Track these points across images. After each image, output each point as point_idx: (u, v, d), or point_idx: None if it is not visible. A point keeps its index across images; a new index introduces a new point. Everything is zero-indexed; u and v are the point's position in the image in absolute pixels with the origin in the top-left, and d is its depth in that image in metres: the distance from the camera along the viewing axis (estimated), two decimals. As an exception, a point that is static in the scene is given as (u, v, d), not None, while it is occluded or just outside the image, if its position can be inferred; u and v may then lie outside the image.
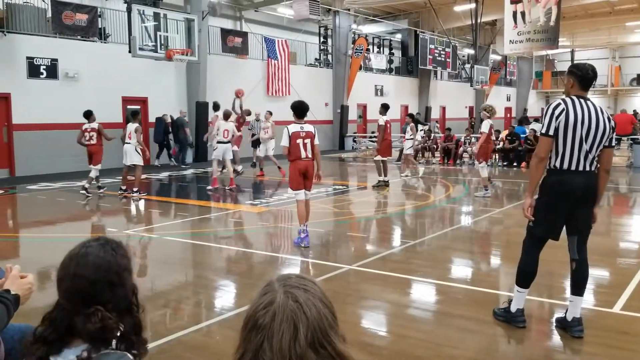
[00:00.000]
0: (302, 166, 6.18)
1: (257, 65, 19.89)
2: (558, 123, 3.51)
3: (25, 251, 6.86)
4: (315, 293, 1.01)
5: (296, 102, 6.39)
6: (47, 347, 1.35)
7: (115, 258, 1.42)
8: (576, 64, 3.78)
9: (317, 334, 0.96)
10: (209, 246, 6.82)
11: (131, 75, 15.40)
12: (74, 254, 1.42)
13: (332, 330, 0.99)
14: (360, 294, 4.80)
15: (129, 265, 1.46)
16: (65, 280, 1.39)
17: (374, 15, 26.08)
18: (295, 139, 6.12)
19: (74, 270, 1.38)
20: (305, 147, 6.13)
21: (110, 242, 1.47)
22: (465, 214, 8.89)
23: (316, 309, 0.98)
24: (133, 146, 10.08)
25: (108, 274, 1.39)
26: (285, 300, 0.98)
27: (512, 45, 17.41)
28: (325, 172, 10.32)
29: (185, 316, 4.36)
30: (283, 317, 0.96)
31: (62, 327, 1.36)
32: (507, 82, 36.69)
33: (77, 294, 1.37)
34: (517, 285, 3.88)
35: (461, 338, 3.78)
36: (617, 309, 4.19)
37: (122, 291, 1.42)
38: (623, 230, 7.87)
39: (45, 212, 9.21)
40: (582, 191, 3.57)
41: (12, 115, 13.37)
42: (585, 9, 26.69)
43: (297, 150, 6.12)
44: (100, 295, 1.37)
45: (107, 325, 1.34)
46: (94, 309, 1.34)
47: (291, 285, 1.01)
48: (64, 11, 13.94)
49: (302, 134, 6.12)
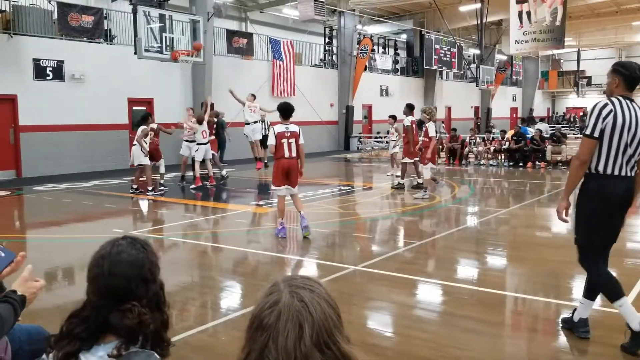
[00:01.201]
0: (285, 164, 6.55)
1: (262, 66, 19.93)
2: (605, 125, 3.31)
3: (32, 252, 6.90)
4: (321, 293, 1.02)
5: (283, 104, 6.80)
6: (79, 342, 1.38)
7: (146, 254, 1.47)
8: (622, 62, 3.54)
9: (322, 334, 0.96)
10: (214, 247, 6.84)
11: (137, 76, 15.47)
12: (105, 252, 1.45)
13: (337, 330, 0.99)
14: (366, 295, 4.80)
15: (157, 262, 1.51)
16: (100, 278, 1.42)
17: (379, 16, 26.06)
18: (280, 139, 6.48)
19: (108, 269, 1.42)
20: (290, 146, 6.50)
21: (137, 239, 1.51)
22: (471, 214, 8.86)
23: (321, 309, 0.98)
24: (139, 147, 10.21)
25: (142, 270, 1.44)
26: (290, 300, 0.98)
27: (518, 45, 17.36)
28: (331, 172, 10.36)
29: (191, 317, 4.37)
30: (288, 317, 0.96)
31: (95, 324, 1.39)
32: (512, 82, 36.57)
33: (113, 291, 1.40)
34: (612, 301, 3.51)
35: (466, 339, 3.77)
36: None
37: (154, 287, 1.47)
38: (631, 230, 7.82)
39: (51, 213, 9.26)
40: (623, 197, 3.42)
41: (18, 117, 13.45)
42: (592, 8, 26.57)
43: (281, 150, 6.49)
44: (135, 291, 1.41)
45: (143, 321, 1.38)
46: (131, 305, 1.38)
47: (297, 285, 1.02)
48: (70, 13, 14.03)
49: (287, 134, 6.49)
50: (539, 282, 5.15)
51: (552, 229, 8.04)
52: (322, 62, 24.65)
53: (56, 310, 3.98)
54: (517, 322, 4.30)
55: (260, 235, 7.74)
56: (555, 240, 7.07)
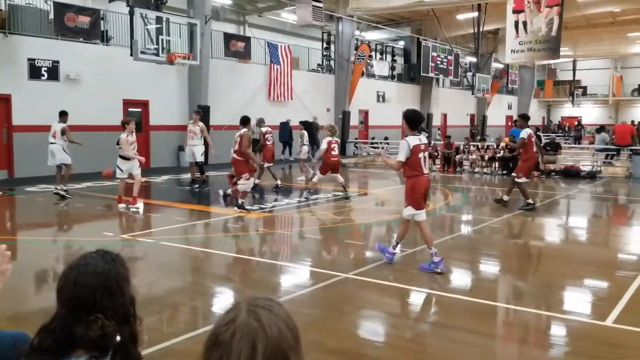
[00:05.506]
0: (426, 182, 5.82)
1: (259, 70, 19.93)
2: None
3: (20, 254, 6.84)
4: (280, 314, 1.02)
5: (410, 112, 6.04)
6: (47, 356, 1.37)
7: (114, 267, 1.47)
8: None
9: (275, 355, 0.96)
10: (204, 252, 6.80)
11: (133, 78, 15.43)
12: (74, 264, 1.47)
13: (292, 352, 0.99)
14: (356, 303, 4.78)
15: (128, 275, 1.51)
16: (66, 288, 1.43)
17: (377, 22, 26.14)
18: (416, 153, 5.77)
19: (74, 279, 1.42)
20: (425, 161, 5.84)
21: (109, 253, 1.52)
22: (465, 223, 8.86)
23: (278, 329, 0.98)
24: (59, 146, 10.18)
25: (108, 281, 1.44)
26: (247, 318, 0.99)
27: (514, 54, 17.43)
28: (325, 178, 10.37)
29: (180, 323, 4.33)
30: (242, 335, 0.96)
31: (62, 336, 1.39)
32: (508, 90, 36.72)
33: (78, 302, 1.40)
34: None
35: (455, 349, 3.76)
36: (609, 322, 4.16)
37: (121, 300, 1.46)
38: (621, 241, 7.85)
39: (42, 214, 9.20)
40: None
41: (12, 117, 13.38)
42: (588, 19, 26.75)
43: (418, 166, 5.77)
44: (100, 303, 1.41)
45: (107, 333, 1.37)
46: (95, 317, 1.37)
47: (256, 305, 1.02)
48: (66, 13, 13.98)
49: (421, 146, 5.79)
50: (530, 293, 5.15)
51: (544, 239, 8.05)
52: (320, 67, 24.69)
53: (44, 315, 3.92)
54: (507, 333, 4.29)
55: (251, 240, 7.71)
56: (548, 251, 7.08)
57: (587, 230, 8.64)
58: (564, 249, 7.32)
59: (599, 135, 18.59)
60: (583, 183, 13.70)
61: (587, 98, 41.43)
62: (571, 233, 8.43)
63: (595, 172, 15.29)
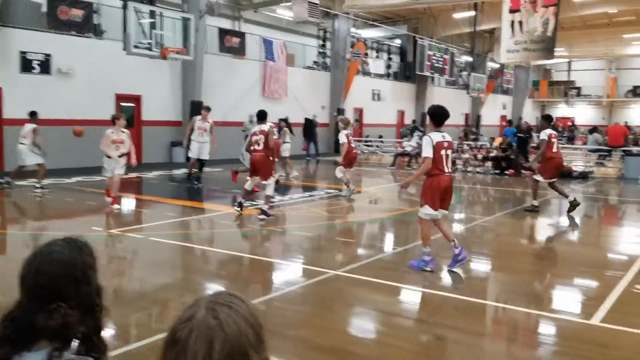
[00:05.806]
0: (446, 182, 5.77)
1: (254, 66, 19.85)
2: None
3: (11, 248, 6.77)
4: (240, 311, 0.98)
5: (436, 108, 6.14)
6: (9, 347, 1.32)
7: (80, 255, 1.42)
8: None
9: (234, 353, 0.94)
10: (194, 247, 6.75)
11: (125, 72, 15.31)
12: (38, 251, 1.41)
13: (253, 349, 0.96)
14: (345, 300, 4.76)
15: (95, 264, 1.45)
16: (28, 276, 1.37)
17: (374, 20, 26.10)
18: (439, 150, 5.78)
19: (37, 266, 1.37)
20: (447, 159, 5.83)
21: (76, 240, 1.46)
22: (456, 221, 8.86)
23: (237, 326, 0.96)
24: (27, 147, 10.01)
25: (72, 270, 1.38)
26: (204, 316, 0.96)
27: (509, 54, 17.42)
28: (320, 175, 10.32)
29: (169, 320, 4.30)
30: (199, 333, 0.94)
31: (23, 326, 1.33)
32: (503, 90, 36.78)
33: (40, 290, 1.35)
34: None
35: (444, 347, 3.75)
36: (596, 321, 4.16)
37: (86, 289, 1.40)
38: (611, 241, 7.87)
39: (30, 208, 9.11)
40: None
41: (3, 110, 13.25)
42: (583, 20, 26.84)
43: (440, 163, 5.72)
44: (63, 291, 1.35)
45: (68, 322, 1.32)
46: (56, 305, 1.32)
47: (216, 302, 0.99)
48: (59, 6, 13.84)
49: (445, 144, 5.80)
50: (519, 292, 5.14)
51: (535, 238, 8.06)
52: (315, 64, 24.63)
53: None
54: (497, 331, 4.28)
55: (243, 237, 7.67)
56: (538, 250, 7.08)
57: (578, 230, 8.66)
58: (553, 249, 7.34)
59: (592, 136, 18.68)
60: (575, 183, 13.74)
61: (581, 99, 41.60)
62: (561, 233, 8.45)
63: (587, 173, 15.34)
